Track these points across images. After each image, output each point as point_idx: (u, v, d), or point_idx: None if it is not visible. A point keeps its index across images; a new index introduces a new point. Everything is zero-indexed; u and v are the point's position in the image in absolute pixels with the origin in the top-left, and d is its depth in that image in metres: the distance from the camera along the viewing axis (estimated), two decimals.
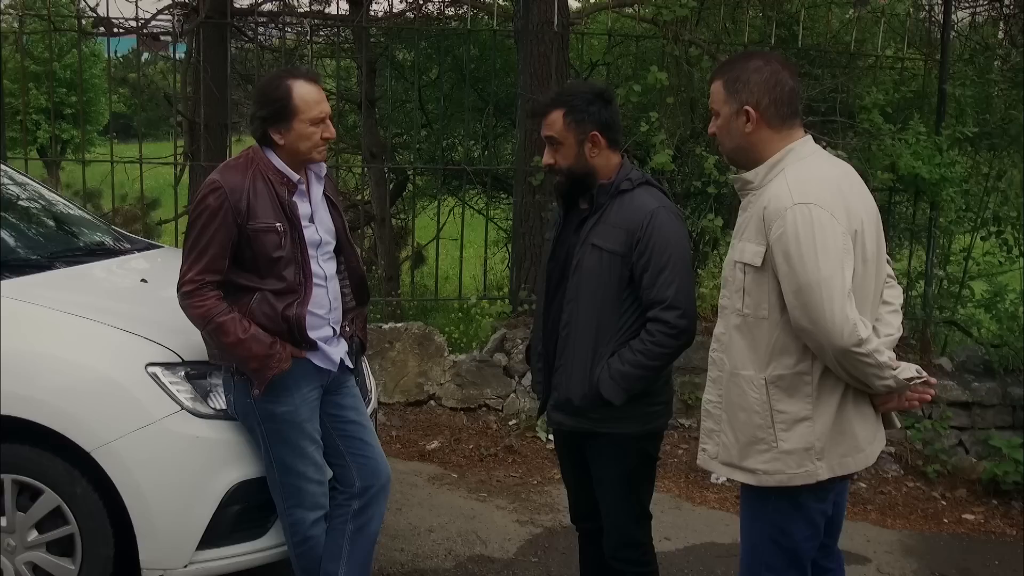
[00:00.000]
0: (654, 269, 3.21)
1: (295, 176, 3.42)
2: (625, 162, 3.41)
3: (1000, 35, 9.37)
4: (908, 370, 2.82)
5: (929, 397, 2.91)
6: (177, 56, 8.56)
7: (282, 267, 3.36)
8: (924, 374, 2.87)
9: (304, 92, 3.35)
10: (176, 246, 6.82)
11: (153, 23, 7.74)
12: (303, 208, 3.45)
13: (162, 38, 8.03)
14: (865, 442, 2.87)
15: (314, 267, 3.44)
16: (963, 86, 6.50)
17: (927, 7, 8.73)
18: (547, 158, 3.40)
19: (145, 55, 12.12)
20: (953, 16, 7.12)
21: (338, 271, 3.61)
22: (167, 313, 3.55)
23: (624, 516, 3.48)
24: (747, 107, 2.84)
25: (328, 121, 3.42)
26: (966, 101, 6.33)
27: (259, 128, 3.40)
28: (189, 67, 8.18)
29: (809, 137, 2.91)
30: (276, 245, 3.34)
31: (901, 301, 3.05)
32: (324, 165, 3.55)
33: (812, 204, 2.70)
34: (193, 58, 7.77)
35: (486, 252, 7.47)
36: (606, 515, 3.51)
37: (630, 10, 8.54)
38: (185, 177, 7.95)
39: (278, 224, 3.35)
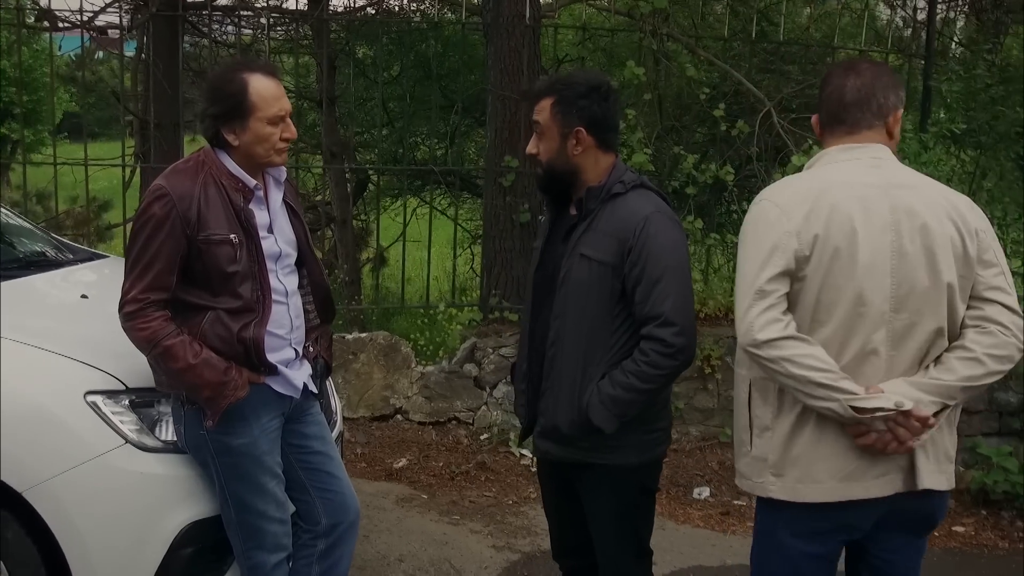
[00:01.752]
0: (648, 281, 2.89)
1: (251, 181, 3.07)
2: (619, 163, 3.10)
3: (969, 31, 9.27)
4: (881, 399, 2.55)
5: (908, 441, 2.58)
6: (127, 53, 8.16)
7: (237, 283, 3.01)
8: (907, 406, 2.55)
9: (261, 87, 3.00)
10: (120, 253, 6.47)
11: (101, 17, 7.37)
12: (261, 217, 3.09)
13: (110, 32, 7.62)
14: (826, 475, 2.65)
15: (273, 282, 3.10)
16: (950, 81, 6.30)
17: (902, 4, 8.59)
18: (531, 146, 3.11)
19: (99, 54, 11.70)
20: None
21: (300, 286, 3.26)
22: (110, 333, 3.17)
23: (621, 554, 3.18)
24: (813, 119, 2.86)
25: (289, 120, 3.07)
26: (953, 97, 6.12)
27: (211, 127, 3.03)
28: (139, 63, 7.79)
29: (846, 145, 2.75)
30: (230, 258, 2.99)
31: (992, 351, 2.63)
32: (284, 169, 3.21)
33: (765, 200, 2.69)
34: (143, 54, 7.39)
35: (455, 256, 7.14)
36: (601, 552, 3.21)
37: (604, 2, 8.28)
38: (136, 179, 7.57)
39: (232, 235, 2.99)
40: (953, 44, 8.91)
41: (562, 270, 3.04)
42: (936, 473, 2.68)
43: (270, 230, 3.13)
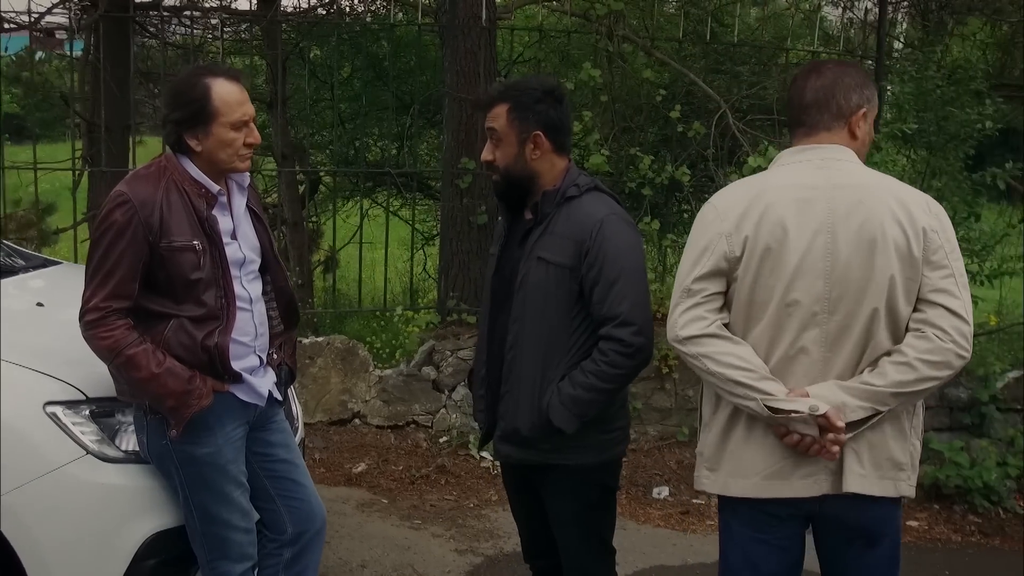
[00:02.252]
0: (605, 282, 2.92)
1: (215, 187, 3.03)
2: (572, 167, 3.12)
3: (914, 33, 9.41)
4: (796, 402, 2.57)
5: (831, 447, 2.57)
6: (73, 53, 8.01)
7: (201, 290, 2.97)
8: (822, 410, 2.54)
9: (225, 92, 2.95)
10: (74, 257, 6.35)
11: (48, 18, 7.21)
12: (224, 223, 3.05)
13: (58, 34, 7.48)
14: (752, 471, 2.69)
15: (237, 289, 3.06)
16: (902, 82, 6.38)
17: (850, 5, 8.69)
18: (486, 153, 3.10)
19: (39, 54, 11.47)
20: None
21: (264, 292, 3.23)
22: (67, 342, 3.13)
23: (585, 554, 3.21)
24: None
25: (252, 125, 3.04)
26: (905, 98, 6.19)
27: (173, 133, 2.99)
28: (87, 65, 7.65)
29: (806, 146, 2.75)
30: (194, 265, 2.95)
31: (926, 357, 2.57)
32: (247, 175, 3.17)
33: (708, 202, 2.77)
34: (92, 55, 7.25)
35: (412, 259, 7.10)
36: (565, 553, 3.23)
37: (556, 3, 8.29)
38: (84, 182, 7.43)
39: (196, 242, 2.95)
40: (899, 44, 9.03)
41: (519, 274, 3.05)
42: (870, 479, 2.64)
43: (234, 236, 3.10)
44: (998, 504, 5.80)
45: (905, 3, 8.92)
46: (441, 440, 6.11)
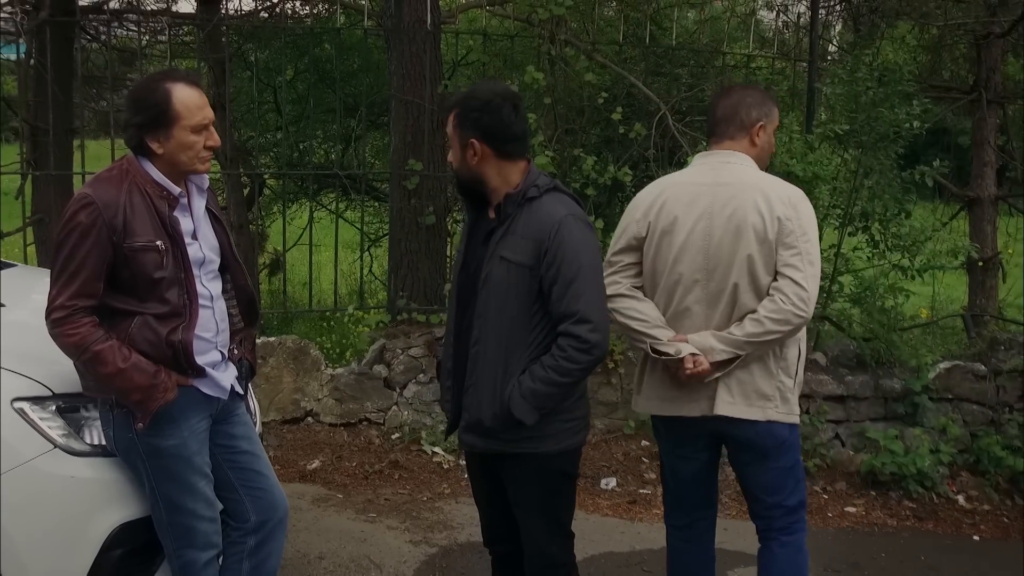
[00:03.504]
0: (563, 281, 3.07)
1: (176, 189, 3.13)
2: (532, 168, 3.24)
3: (846, 35, 9.67)
4: (670, 347, 3.41)
5: (686, 371, 3.39)
6: (10, 57, 7.96)
7: (164, 289, 3.06)
8: (683, 354, 3.38)
9: (185, 96, 3.05)
10: (24, 259, 6.36)
11: None
12: (185, 224, 3.15)
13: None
14: (655, 396, 3.57)
15: (199, 287, 3.16)
16: (832, 84, 6.59)
17: (784, 9, 8.92)
18: (449, 155, 3.31)
19: None
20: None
21: (224, 290, 3.33)
22: (32, 340, 3.22)
23: (545, 538, 3.35)
24: None
25: (212, 128, 3.14)
26: (836, 99, 6.40)
27: (135, 136, 3.08)
28: (30, 69, 7.62)
29: (711, 151, 3.57)
30: (157, 265, 3.04)
31: (771, 315, 3.34)
32: (206, 177, 3.27)
33: (636, 195, 3.63)
34: (35, 59, 7.22)
35: (362, 260, 7.18)
36: (526, 538, 3.37)
37: (500, 8, 8.40)
38: (28, 186, 7.40)
39: (159, 242, 3.05)
40: (832, 47, 9.28)
41: (483, 272, 3.18)
42: (739, 406, 3.43)
43: (194, 236, 3.19)
44: (931, 490, 6.01)
45: (837, 7, 9.16)
46: (393, 436, 6.21)
